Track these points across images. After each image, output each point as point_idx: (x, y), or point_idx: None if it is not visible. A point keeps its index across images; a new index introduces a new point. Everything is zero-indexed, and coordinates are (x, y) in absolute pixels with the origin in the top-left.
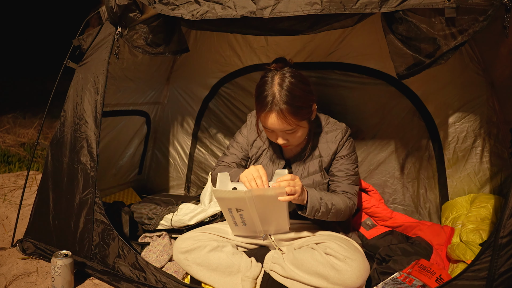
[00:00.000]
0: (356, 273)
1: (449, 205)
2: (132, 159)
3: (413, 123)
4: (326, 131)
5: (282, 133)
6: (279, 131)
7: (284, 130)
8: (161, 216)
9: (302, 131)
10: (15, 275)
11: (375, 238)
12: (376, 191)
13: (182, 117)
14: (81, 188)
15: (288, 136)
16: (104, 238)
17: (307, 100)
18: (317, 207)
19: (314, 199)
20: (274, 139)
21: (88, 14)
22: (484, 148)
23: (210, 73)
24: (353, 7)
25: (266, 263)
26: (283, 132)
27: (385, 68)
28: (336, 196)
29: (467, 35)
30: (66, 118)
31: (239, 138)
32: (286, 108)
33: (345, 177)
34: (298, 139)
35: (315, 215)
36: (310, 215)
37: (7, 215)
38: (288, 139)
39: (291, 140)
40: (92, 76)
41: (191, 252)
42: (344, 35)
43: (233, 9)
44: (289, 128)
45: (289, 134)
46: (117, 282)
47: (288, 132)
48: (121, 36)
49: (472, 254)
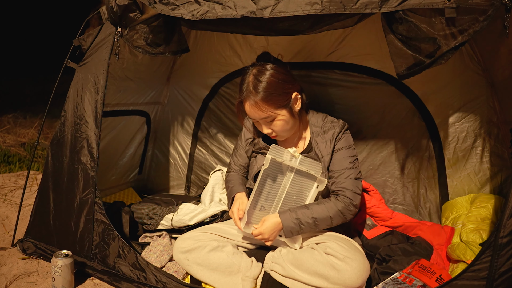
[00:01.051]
0: (357, 273)
1: (449, 205)
2: (132, 159)
3: (413, 123)
4: (324, 130)
5: (263, 122)
6: (258, 119)
7: (262, 118)
8: (162, 216)
9: (283, 119)
10: (15, 275)
11: (375, 238)
12: (377, 191)
13: (182, 117)
14: (81, 188)
15: (270, 125)
16: (105, 238)
17: (281, 88)
18: (297, 229)
19: (288, 222)
20: (261, 129)
21: (88, 14)
22: (484, 148)
23: (210, 73)
24: (353, 7)
25: (266, 263)
26: (263, 120)
27: (385, 68)
28: (319, 206)
29: (467, 35)
30: (67, 118)
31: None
32: (257, 96)
33: (341, 171)
34: (281, 128)
35: (299, 233)
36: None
37: (8, 215)
38: (271, 128)
39: (275, 129)
40: (92, 76)
41: (191, 252)
42: (344, 35)
43: (233, 9)
44: (265, 116)
45: (269, 122)
46: (118, 282)
47: (267, 120)
48: (121, 36)
49: (472, 254)
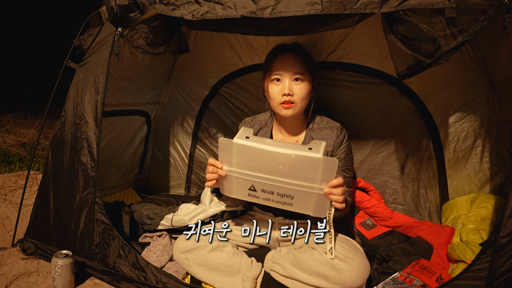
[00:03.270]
0: (357, 273)
1: (449, 205)
2: (132, 159)
3: (413, 123)
4: (320, 128)
5: (289, 80)
6: (289, 76)
7: (295, 73)
8: (162, 216)
9: (307, 87)
10: (15, 275)
11: (375, 238)
12: (377, 191)
13: (182, 117)
14: (81, 188)
15: (295, 86)
16: (105, 238)
17: (314, 63)
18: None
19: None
20: (279, 92)
21: (88, 14)
22: (484, 148)
23: (210, 73)
24: (353, 7)
25: (267, 263)
26: (291, 77)
27: (385, 68)
28: None
29: (468, 35)
30: (67, 118)
31: None
32: (302, 51)
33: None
34: (301, 94)
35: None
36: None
37: (8, 215)
38: (293, 90)
39: (297, 92)
40: (92, 76)
41: (191, 252)
42: (344, 35)
43: (233, 9)
44: (301, 71)
45: (296, 82)
46: (118, 282)
47: (297, 76)
48: (122, 36)
49: (472, 254)
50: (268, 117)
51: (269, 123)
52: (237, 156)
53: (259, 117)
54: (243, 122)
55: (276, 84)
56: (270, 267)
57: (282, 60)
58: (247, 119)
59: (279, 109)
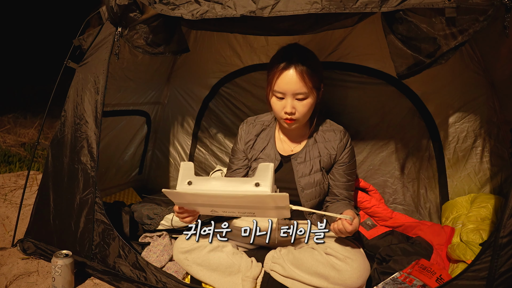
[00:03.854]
0: (357, 273)
1: (449, 205)
2: (132, 159)
3: (413, 123)
4: (323, 130)
5: (292, 99)
6: (291, 93)
7: (297, 93)
8: (162, 216)
9: (311, 102)
10: (15, 275)
11: (375, 238)
12: (377, 191)
13: (182, 117)
14: (81, 188)
15: (298, 104)
16: (105, 238)
17: (320, 69)
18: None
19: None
20: (281, 108)
21: (88, 14)
22: (484, 148)
23: (210, 73)
24: (353, 6)
25: (267, 263)
26: (293, 96)
27: (385, 68)
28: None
29: (468, 35)
30: (67, 118)
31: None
32: (305, 66)
33: (347, 185)
34: (304, 111)
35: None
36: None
37: (8, 215)
38: (296, 108)
39: (299, 110)
40: (92, 76)
41: (191, 252)
42: (344, 35)
43: (233, 8)
44: (303, 91)
45: (299, 101)
46: (118, 282)
47: (299, 96)
48: (121, 36)
49: (472, 254)
50: (271, 118)
51: (272, 124)
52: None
53: (262, 117)
54: (245, 122)
55: (278, 100)
56: (270, 267)
57: (285, 78)
58: (249, 119)
59: (282, 121)
